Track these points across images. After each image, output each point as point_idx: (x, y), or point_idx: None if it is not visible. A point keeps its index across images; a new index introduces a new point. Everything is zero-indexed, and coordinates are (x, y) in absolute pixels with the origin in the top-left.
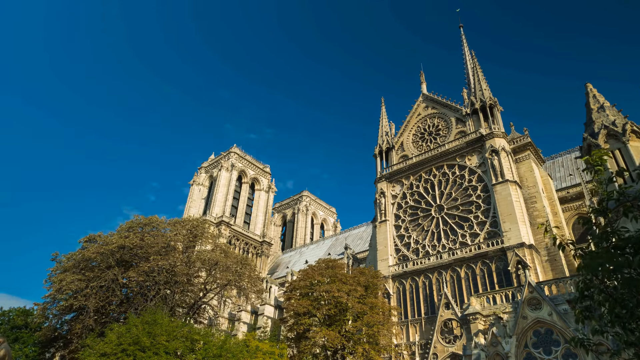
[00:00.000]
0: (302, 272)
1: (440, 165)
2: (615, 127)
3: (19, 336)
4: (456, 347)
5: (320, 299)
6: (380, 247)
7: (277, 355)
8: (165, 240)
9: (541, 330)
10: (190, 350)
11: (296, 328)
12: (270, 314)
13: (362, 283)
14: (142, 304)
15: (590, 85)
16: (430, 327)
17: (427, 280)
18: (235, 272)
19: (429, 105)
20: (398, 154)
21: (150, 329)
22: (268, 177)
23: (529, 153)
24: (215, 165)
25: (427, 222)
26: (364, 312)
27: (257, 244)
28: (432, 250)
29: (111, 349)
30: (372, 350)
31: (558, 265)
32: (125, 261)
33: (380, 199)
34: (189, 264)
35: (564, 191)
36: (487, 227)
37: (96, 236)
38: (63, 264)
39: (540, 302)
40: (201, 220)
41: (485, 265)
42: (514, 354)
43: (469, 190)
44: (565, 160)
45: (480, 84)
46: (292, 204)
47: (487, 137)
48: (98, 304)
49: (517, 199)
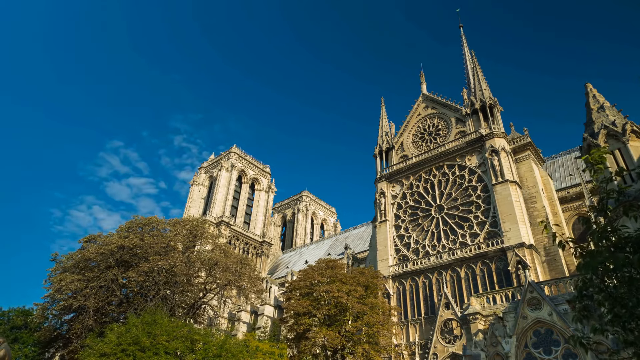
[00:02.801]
0: (302, 272)
1: (440, 165)
2: (615, 127)
3: (19, 336)
4: (456, 347)
5: (320, 299)
6: (380, 247)
7: (277, 355)
8: (165, 241)
9: (541, 330)
10: (190, 351)
11: (296, 328)
12: (270, 314)
13: (362, 283)
14: (141, 304)
15: (590, 85)
16: (430, 327)
17: (427, 280)
18: (235, 272)
19: (429, 105)
20: (398, 154)
21: (150, 329)
22: (268, 177)
23: (529, 153)
24: (215, 165)
25: (427, 222)
26: (364, 312)
27: (257, 244)
28: (432, 250)
29: (111, 349)
30: (372, 350)
31: (558, 265)
32: (125, 261)
33: (380, 199)
34: (188, 264)
35: (564, 191)
36: (487, 227)
37: (96, 236)
38: (63, 264)
39: (540, 302)
40: (201, 221)
41: (485, 265)
42: (514, 354)
43: (469, 190)
44: (565, 160)
45: (480, 84)
46: (292, 204)
47: (487, 137)
48: (98, 304)
49: (517, 199)
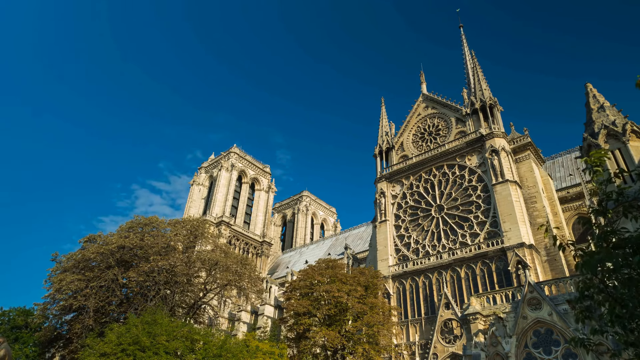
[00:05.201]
0: (302, 272)
1: (440, 165)
2: (615, 127)
3: (19, 336)
4: (456, 347)
5: (320, 299)
6: (380, 247)
7: (277, 355)
8: (165, 241)
9: (541, 330)
10: (190, 350)
11: (296, 328)
12: (270, 314)
13: (362, 283)
14: (142, 304)
15: (590, 85)
16: (430, 327)
17: (427, 280)
18: (235, 272)
19: (429, 105)
20: (398, 154)
21: (150, 329)
22: (268, 177)
23: (529, 153)
24: (215, 165)
25: (427, 222)
26: (364, 312)
27: (257, 244)
28: (432, 250)
29: (111, 348)
30: (372, 350)
31: (558, 265)
32: (125, 261)
33: (380, 199)
34: (189, 264)
35: (564, 191)
36: (487, 227)
37: (96, 236)
38: (63, 264)
39: (540, 302)
40: (201, 221)
41: (485, 265)
42: (514, 354)
43: (469, 190)
44: (565, 160)
45: (480, 84)
46: (292, 204)
47: (487, 137)
48: (98, 304)
49: (517, 199)
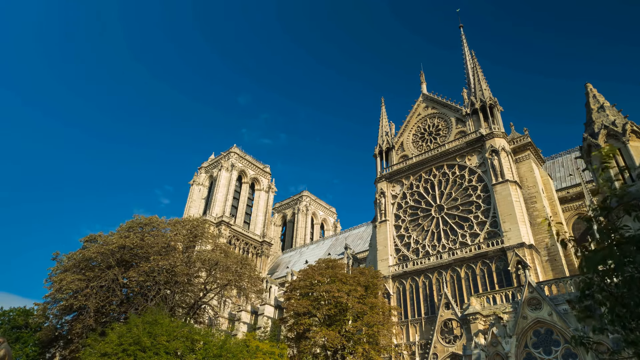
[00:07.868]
0: (302, 272)
1: (440, 165)
2: (615, 127)
3: (20, 336)
4: (456, 347)
5: (320, 299)
6: (380, 247)
7: (277, 355)
8: (165, 241)
9: (541, 330)
10: (190, 351)
11: (296, 328)
12: (270, 314)
13: (362, 283)
14: (142, 304)
15: (590, 85)
16: (430, 327)
17: (427, 280)
18: (235, 272)
19: (429, 105)
20: (398, 154)
21: (151, 329)
22: (268, 177)
23: (529, 153)
24: (215, 165)
25: (427, 222)
26: (364, 312)
27: (257, 244)
28: (432, 250)
29: (112, 348)
30: (372, 350)
31: (558, 265)
32: (126, 261)
33: (380, 199)
34: (189, 264)
35: (564, 191)
36: (487, 227)
37: (97, 236)
38: (63, 264)
39: (540, 302)
40: (201, 220)
41: (485, 265)
42: (514, 354)
43: (469, 190)
44: (565, 160)
45: (480, 84)
46: (292, 204)
47: (487, 137)
48: (98, 304)
49: (517, 199)
